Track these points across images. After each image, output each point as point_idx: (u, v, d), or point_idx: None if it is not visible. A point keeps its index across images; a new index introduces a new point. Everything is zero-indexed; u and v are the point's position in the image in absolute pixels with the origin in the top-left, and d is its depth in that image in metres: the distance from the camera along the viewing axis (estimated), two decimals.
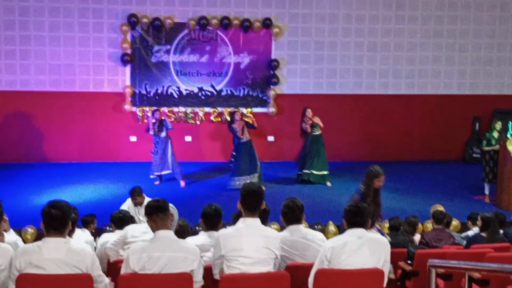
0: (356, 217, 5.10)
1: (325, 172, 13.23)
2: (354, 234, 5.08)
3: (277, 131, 15.39)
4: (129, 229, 6.73)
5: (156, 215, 4.88)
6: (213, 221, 6.18)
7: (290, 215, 5.69)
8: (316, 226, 9.77)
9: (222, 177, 13.71)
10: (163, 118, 12.98)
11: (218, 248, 5.06)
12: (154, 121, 12.74)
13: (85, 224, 8.55)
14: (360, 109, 15.57)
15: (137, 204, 9.21)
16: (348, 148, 15.53)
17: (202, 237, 6.16)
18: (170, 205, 5.57)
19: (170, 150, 12.89)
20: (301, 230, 5.70)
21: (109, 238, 7.38)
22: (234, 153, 12.77)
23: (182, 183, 13.06)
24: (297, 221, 5.71)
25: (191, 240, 6.14)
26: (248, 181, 12.32)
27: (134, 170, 14.05)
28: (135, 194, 9.22)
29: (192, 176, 13.64)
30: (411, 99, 15.76)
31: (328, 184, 13.14)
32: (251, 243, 5.00)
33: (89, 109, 14.75)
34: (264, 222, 6.01)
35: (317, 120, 13.02)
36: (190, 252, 4.85)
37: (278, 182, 13.28)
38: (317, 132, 13.12)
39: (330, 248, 5.04)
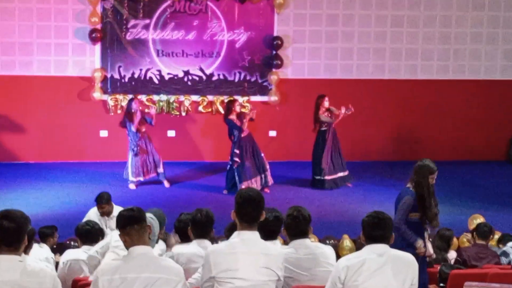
0: (377, 230, 5.09)
1: (347, 172, 13.41)
2: (374, 251, 5.07)
3: (280, 124, 15.38)
4: (114, 233, 6.78)
5: (131, 228, 4.86)
6: (204, 229, 6.22)
7: (295, 227, 5.70)
8: (327, 241, 9.76)
9: (212, 179, 13.69)
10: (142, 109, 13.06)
11: (207, 268, 5.03)
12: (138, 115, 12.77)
13: (43, 238, 8.55)
14: (382, 98, 15.56)
15: (104, 214, 9.20)
16: (367, 145, 15.52)
17: (192, 245, 6.21)
18: (149, 215, 5.56)
19: (153, 146, 12.96)
20: (308, 245, 5.71)
21: (75, 255, 7.38)
22: (237, 151, 12.63)
23: (167, 184, 13.17)
24: (303, 234, 5.72)
25: (179, 249, 6.17)
26: (259, 183, 12.45)
27: (105, 172, 14.03)
28: (102, 202, 9.21)
29: (175, 180, 13.62)
30: (445, 85, 15.74)
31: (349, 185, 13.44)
32: (248, 262, 4.99)
33: (50, 98, 14.72)
34: (276, 235, 6.00)
35: (349, 106, 13.05)
36: (173, 273, 4.83)
37: (281, 186, 13.28)
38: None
39: (345, 267, 5.04)
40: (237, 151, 12.58)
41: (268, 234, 5.67)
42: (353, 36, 15.42)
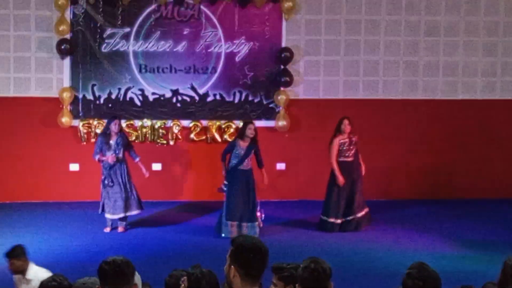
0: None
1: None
2: None
3: (291, 155, 15.33)
4: None
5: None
6: None
7: (312, 283, 5.60)
8: None
9: (207, 221, 13.58)
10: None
11: None
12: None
13: None
14: (413, 124, 15.51)
15: (15, 272, 8.79)
16: (395, 180, 15.46)
17: None
18: None
19: (130, 177, 12.93)
20: None
21: None
22: (226, 183, 12.73)
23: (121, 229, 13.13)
24: None
25: None
26: (243, 232, 12.34)
27: (75, 214, 13.95)
28: (13, 255, 8.76)
29: (161, 223, 13.56)
30: (491, 107, 15.69)
31: None
32: None
33: (7, 123, 14.70)
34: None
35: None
36: None
37: (290, 231, 13.22)
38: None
39: None
40: (226, 182, 12.75)
41: None
42: (379, 47, 15.41)
